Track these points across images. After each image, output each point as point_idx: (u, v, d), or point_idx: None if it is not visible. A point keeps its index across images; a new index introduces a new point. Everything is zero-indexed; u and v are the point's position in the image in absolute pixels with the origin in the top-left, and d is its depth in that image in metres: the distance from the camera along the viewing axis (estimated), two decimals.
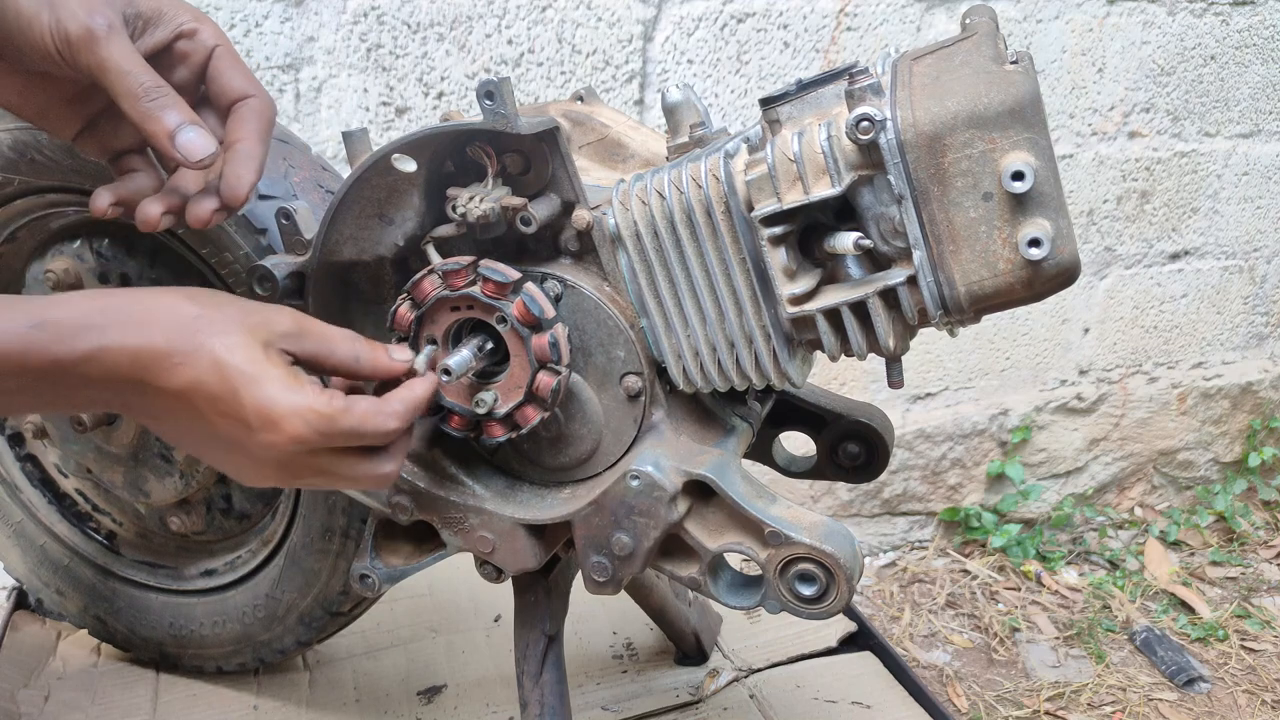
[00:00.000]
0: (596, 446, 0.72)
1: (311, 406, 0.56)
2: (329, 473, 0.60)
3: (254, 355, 0.56)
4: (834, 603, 0.67)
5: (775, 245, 0.62)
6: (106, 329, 0.54)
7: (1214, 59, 1.78)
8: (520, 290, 0.65)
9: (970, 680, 1.66)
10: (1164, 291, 1.96)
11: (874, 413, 0.88)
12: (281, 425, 0.55)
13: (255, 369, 0.55)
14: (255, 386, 0.55)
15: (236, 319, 0.57)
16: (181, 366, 0.55)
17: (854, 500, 1.91)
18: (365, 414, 0.58)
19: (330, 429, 0.57)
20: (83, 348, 0.53)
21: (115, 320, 0.54)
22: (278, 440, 0.56)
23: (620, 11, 1.39)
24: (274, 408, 0.55)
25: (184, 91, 0.65)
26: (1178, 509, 2.16)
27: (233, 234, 0.84)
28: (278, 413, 0.55)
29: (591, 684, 1.14)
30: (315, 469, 0.59)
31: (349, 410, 0.58)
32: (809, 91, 0.61)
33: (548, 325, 0.65)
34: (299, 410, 0.56)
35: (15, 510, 1.11)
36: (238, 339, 0.56)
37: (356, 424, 0.58)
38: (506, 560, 0.75)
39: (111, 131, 0.70)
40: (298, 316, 0.60)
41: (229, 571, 1.05)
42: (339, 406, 0.57)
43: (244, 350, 0.56)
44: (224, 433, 0.56)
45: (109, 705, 1.09)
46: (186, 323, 0.55)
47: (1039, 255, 0.56)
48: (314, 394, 0.57)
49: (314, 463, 0.58)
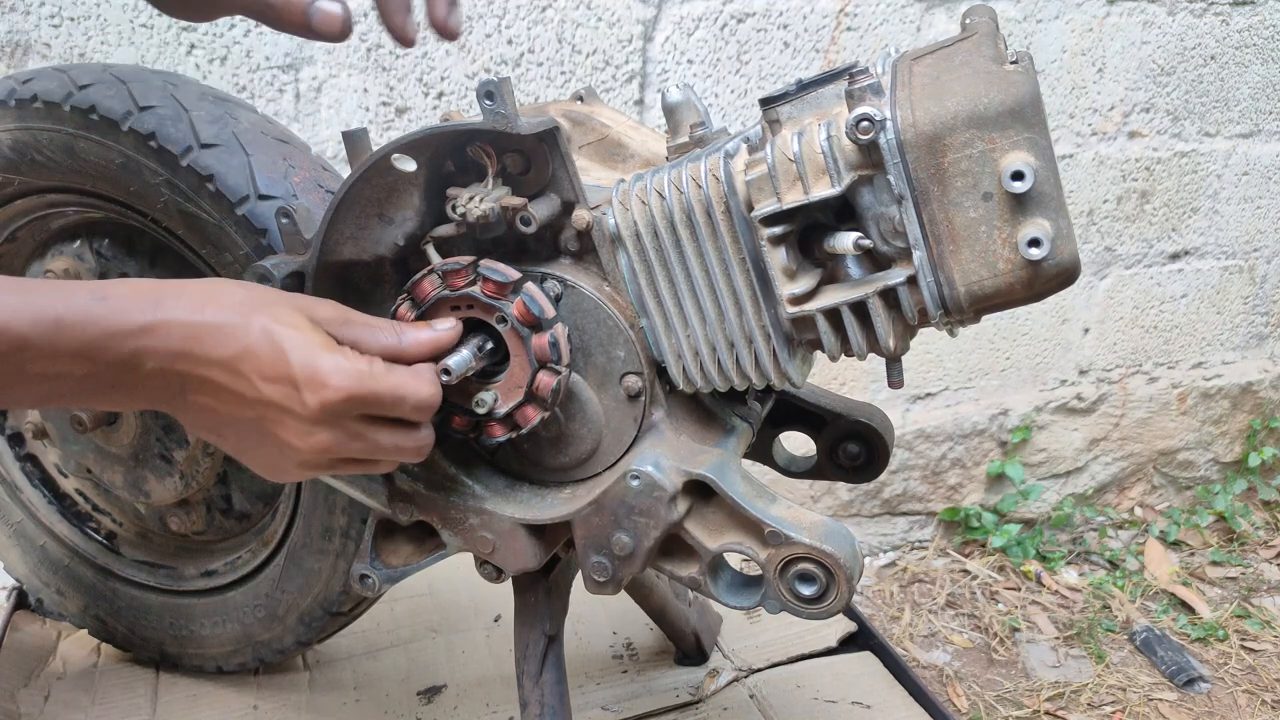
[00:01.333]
0: (596, 446, 0.72)
1: (354, 365, 0.59)
2: (368, 440, 0.62)
3: (300, 322, 0.60)
4: (834, 603, 0.67)
5: (775, 245, 0.62)
6: (162, 304, 0.57)
7: (1214, 59, 1.78)
8: (520, 290, 0.65)
9: (970, 680, 1.66)
10: (1164, 291, 1.96)
11: (874, 413, 0.88)
12: (328, 380, 0.58)
13: (301, 335, 0.59)
14: (303, 349, 0.58)
15: (285, 300, 0.61)
16: (232, 335, 0.58)
17: (854, 500, 1.91)
18: (404, 378, 0.61)
19: (374, 387, 0.60)
20: (140, 320, 0.56)
21: (170, 298, 0.58)
22: (323, 398, 0.58)
23: (620, 11, 1.39)
24: (320, 364, 0.58)
25: None
26: (1178, 509, 2.16)
27: (233, 234, 0.84)
28: (324, 369, 0.58)
29: (591, 684, 1.14)
30: (355, 435, 0.61)
31: (390, 373, 0.61)
32: (809, 91, 0.61)
33: (548, 325, 0.65)
34: (343, 368, 0.59)
35: (15, 510, 1.11)
36: (285, 312, 0.60)
37: (397, 384, 0.61)
38: (506, 560, 0.75)
39: None
40: (340, 307, 0.64)
41: (229, 571, 1.05)
42: (380, 369, 0.60)
43: (292, 319, 0.59)
44: (268, 399, 0.59)
45: (109, 705, 1.09)
46: (237, 302, 0.59)
47: (1039, 255, 0.56)
48: (355, 357, 0.60)
49: (354, 429, 0.61)
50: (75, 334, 0.54)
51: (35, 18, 1.15)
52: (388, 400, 0.60)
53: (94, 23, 1.17)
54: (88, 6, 1.16)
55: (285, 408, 0.59)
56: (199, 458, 0.98)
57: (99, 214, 0.93)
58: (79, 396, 0.58)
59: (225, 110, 0.88)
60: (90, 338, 0.55)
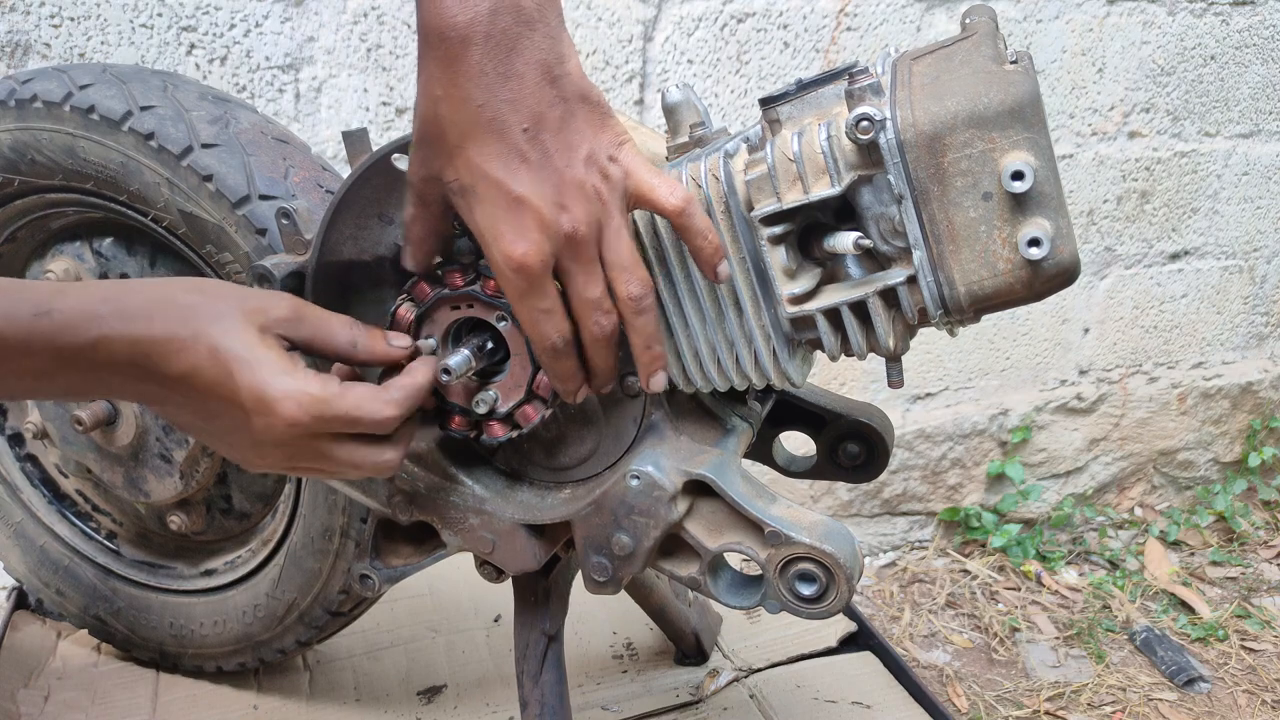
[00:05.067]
0: (596, 446, 0.72)
1: (305, 390, 0.56)
2: (327, 458, 0.60)
3: (249, 340, 0.56)
4: (834, 602, 0.67)
5: (775, 245, 0.62)
6: (106, 318, 0.54)
7: (1214, 59, 1.78)
8: None
9: (970, 680, 1.66)
10: (1164, 291, 1.96)
11: (874, 412, 0.88)
12: (275, 408, 0.56)
13: (250, 353, 0.56)
14: (249, 371, 0.55)
15: (233, 305, 0.57)
16: (179, 354, 0.55)
17: (854, 500, 1.91)
18: (360, 399, 0.59)
19: (324, 412, 0.57)
20: (85, 337, 0.54)
21: (115, 310, 0.55)
22: (273, 424, 0.56)
23: (620, 11, 1.39)
24: (267, 391, 0.56)
25: None
26: (1178, 509, 2.16)
27: (233, 234, 0.84)
28: (271, 396, 0.56)
29: (591, 684, 1.14)
30: (313, 454, 0.59)
31: (343, 395, 0.58)
32: (809, 91, 0.61)
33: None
34: (291, 394, 0.56)
35: (15, 510, 1.11)
36: (232, 324, 0.56)
37: (351, 408, 0.58)
38: (506, 560, 0.75)
39: None
40: (295, 302, 0.61)
41: (229, 571, 1.05)
42: (333, 391, 0.57)
43: (239, 335, 0.56)
44: (222, 417, 0.57)
45: (109, 705, 1.09)
46: (183, 310, 0.56)
47: (1039, 255, 0.56)
48: (307, 378, 0.57)
49: (312, 447, 0.59)
50: (18, 350, 0.53)
51: (35, 18, 1.15)
52: (341, 422, 0.58)
53: (94, 23, 1.17)
54: (88, 6, 1.16)
55: (236, 427, 0.57)
56: (199, 458, 0.98)
57: (99, 214, 0.94)
58: (45, 396, 0.57)
59: (225, 110, 0.88)
60: (36, 354, 0.53)
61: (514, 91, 0.54)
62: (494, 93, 0.54)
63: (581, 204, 0.56)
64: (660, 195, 0.59)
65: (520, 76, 0.54)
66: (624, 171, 0.58)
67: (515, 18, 0.53)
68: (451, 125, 0.55)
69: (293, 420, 0.56)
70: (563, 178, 0.56)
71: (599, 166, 0.57)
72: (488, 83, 0.54)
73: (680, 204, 0.59)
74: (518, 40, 0.54)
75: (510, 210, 0.56)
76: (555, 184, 0.56)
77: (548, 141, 0.55)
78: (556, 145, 0.56)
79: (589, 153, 0.57)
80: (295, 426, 0.56)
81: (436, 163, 0.58)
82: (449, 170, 0.57)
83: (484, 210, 0.57)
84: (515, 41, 0.54)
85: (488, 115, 0.54)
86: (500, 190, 0.56)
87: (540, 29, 0.54)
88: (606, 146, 0.58)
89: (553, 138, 0.56)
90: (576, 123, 0.56)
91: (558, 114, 0.56)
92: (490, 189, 0.56)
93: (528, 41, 0.54)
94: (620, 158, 0.58)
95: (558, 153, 0.56)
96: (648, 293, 0.60)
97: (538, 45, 0.54)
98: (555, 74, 0.55)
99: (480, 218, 0.57)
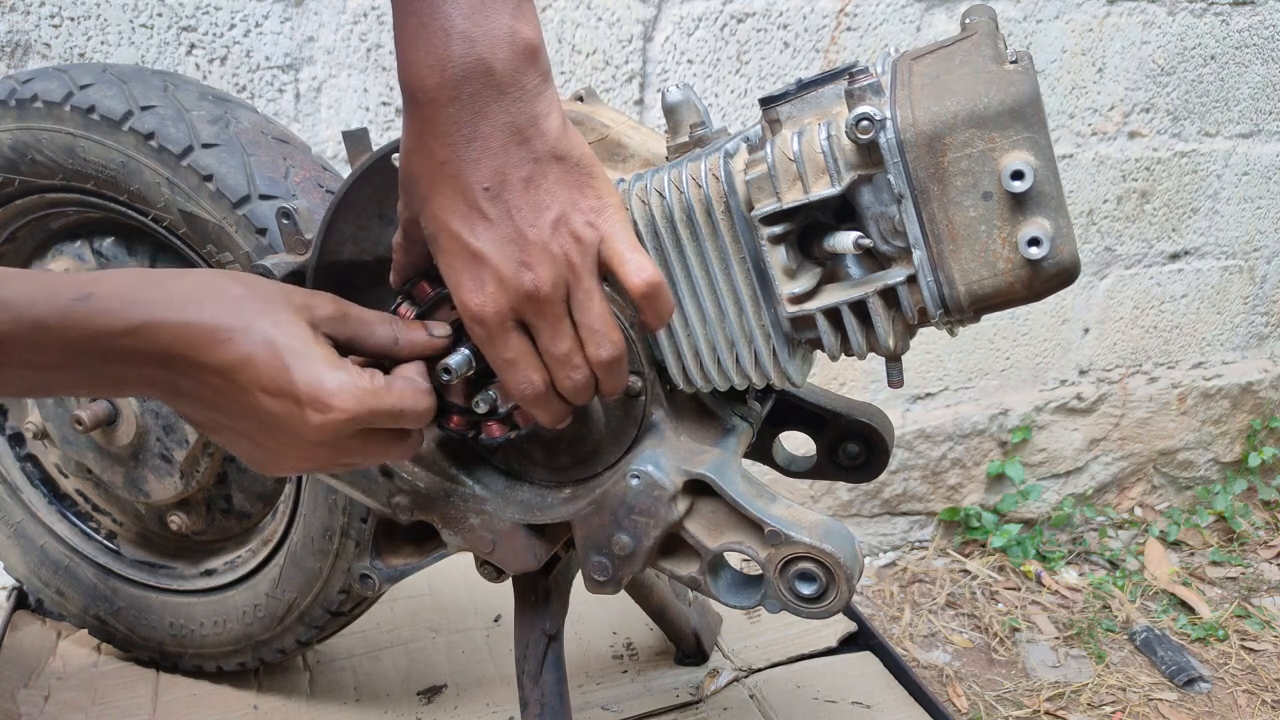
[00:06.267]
0: (596, 446, 0.72)
1: (358, 384, 0.57)
2: (361, 452, 0.60)
3: (303, 334, 0.57)
4: (834, 602, 0.67)
5: (775, 244, 0.62)
6: (153, 304, 0.54)
7: (1214, 59, 1.78)
8: None
9: (970, 680, 1.66)
10: (1164, 291, 1.96)
11: (874, 412, 0.88)
12: (331, 403, 0.56)
13: (305, 347, 0.56)
14: (306, 365, 0.56)
15: (282, 299, 0.58)
16: (230, 342, 0.55)
17: (854, 500, 1.91)
18: (404, 391, 0.60)
19: (377, 406, 0.58)
20: (126, 321, 0.53)
21: (161, 296, 0.54)
22: (327, 419, 0.56)
23: (620, 11, 1.39)
24: (324, 385, 0.56)
25: None
26: (1178, 509, 2.16)
27: (233, 234, 0.84)
28: (328, 390, 0.56)
29: (591, 684, 1.14)
30: (351, 449, 0.60)
31: (390, 388, 0.59)
32: (809, 91, 0.61)
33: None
34: (347, 388, 0.56)
35: (15, 510, 1.11)
36: (287, 317, 0.57)
37: (397, 401, 0.59)
38: (506, 560, 0.75)
39: None
40: (337, 301, 0.61)
41: (229, 571, 1.05)
42: (380, 385, 0.58)
43: (294, 328, 0.56)
44: (266, 410, 0.56)
45: (109, 705, 1.09)
46: (234, 301, 0.56)
47: (1039, 255, 0.56)
48: (359, 373, 0.58)
49: (353, 442, 0.59)
50: (57, 336, 0.52)
51: (35, 18, 1.15)
52: (388, 416, 0.59)
53: (94, 23, 1.17)
54: (88, 6, 1.16)
55: (283, 422, 0.57)
56: (199, 457, 0.98)
57: (99, 214, 0.94)
58: (64, 390, 0.56)
59: (225, 110, 0.88)
60: (72, 340, 0.52)
61: (478, 152, 0.55)
62: (457, 152, 0.55)
63: (546, 264, 0.56)
64: (629, 270, 0.58)
65: (485, 138, 0.55)
66: (600, 237, 0.58)
67: (485, 83, 0.54)
68: (421, 177, 0.57)
69: (349, 415, 0.57)
70: (525, 237, 0.56)
71: (570, 229, 0.57)
72: (451, 142, 0.55)
73: (644, 287, 0.58)
74: (486, 104, 0.54)
75: (469, 263, 0.57)
76: (516, 242, 0.56)
77: (511, 200, 0.56)
78: (521, 204, 0.56)
79: (559, 214, 0.56)
80: (350, 421, 0.57)
81: (412, 208, 0.59)
82: (421, 218, 0.59)
83: (445, 260, 0.58)
84: (484, 105, 0.54)
85: (450, 172, 0.55)
86: (459, 243, 0.57)
87: (512, 93, 0.54)
88: (585, 209, 0.57)
89: (517, 196, 0.56)
90: (547, 183, 0.56)
91: (523, 174, 0.55)
92: (450, 241, 0.57)
93: (497, 105, 0.54)
94: (599, 223, 0.58)
95: (520, 212, 0.56)
96: (619, 355, 0.60)
97: (507, 109, 0.54)
98: (526, 135, 0.55)
99: (443, 266, 0.58)
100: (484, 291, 0.57)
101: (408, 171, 0.58)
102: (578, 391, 0.61)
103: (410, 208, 0.60)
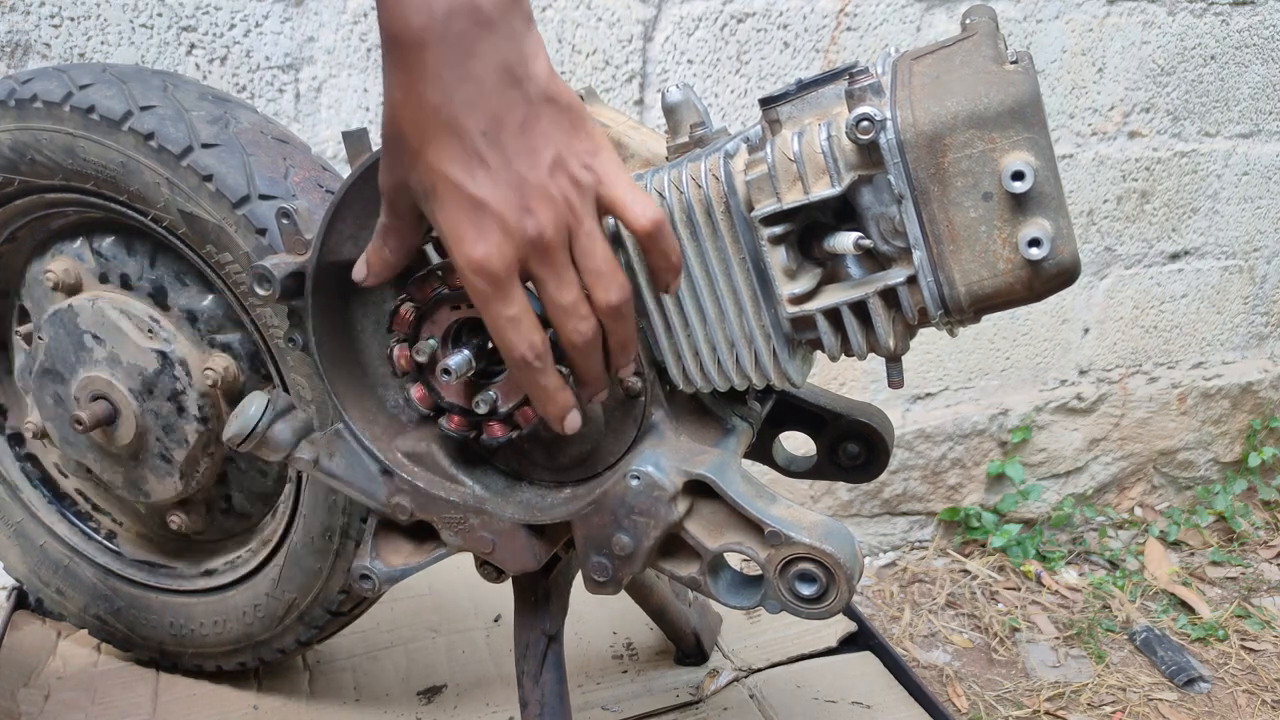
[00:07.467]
0: (596, 446, 0.72)
1: None
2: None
3: None
4: (834, 603, 0.67)
5: (775, 245, 0.62)
6: None
7: (1214, 59, 1.78)
8: None
9: (970, 680, 1.66)
10: (1164, 291, 1.96)
11: (874, 412, 0.88)
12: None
13: None
14: None
15: None
16: None
17: (854, 500, 1.91)
18: None
19: None
20: None
21: None
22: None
23: (620, 11, 1.39)
24: None
25: None
26: (1178, 509, 2.16)
27: (233, 234, 0.84)
28: None
29: (591, 684, 1.14)
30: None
31: None
32: (809, 91, 0.61)
33: (548, 324, 0.65)
34: None
35: (15, 510, 1.11)
36: None
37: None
38: (506, 560, 0.75)
39: None
40: None
41: (229, 571, 1.05)
42: None
43: None
44: None
45: (109, 705, 1.09)
46: None
47: (1039, 255, 0.56)
48: None
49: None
50: None
51: (35, 18, 1.15)
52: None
53: (94, 23, 1.17)
54: (88, 6, 1.16)
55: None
56: (199, 457, 0.98)
57: (99, 214, 0.94)
58: None
59: (225, 110, 0.88)
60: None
61: (471, 94, 0.53)
62: (450, 95, 0.53)
63: (547, 208, 0.55)
64: (633, 210, 0.57)
65: (478, 79, 0.53)
66: (597, 178, 0.57)
67: (472, 20, 0.52)
68: (411, 128, 0.54)
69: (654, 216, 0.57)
70: (525, 181, 0.54)
71: (568, 171, 0.56)
72: (444, 85, 0.53)
73: (649, 225, 0.57)
74: (475, 42, 0.52)
75: (470, 213, 0.55)
76: (517, 187, 0.54)
77: (508, 144, 0.54)
78: (518, 148, 0.54)
79: (555, 156, 0.55)
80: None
81: (400, 168, 0.57)
82: (412, 175, 0.56)
83: (445, 213, 0.56)
84: (473, 44, 0.52)
85: (444, 118, 0.53)
86: (459, 192, 0.54)
87: (500, 30, 0.53)
88: (580, 153, 0.56)
89: (514, 140, 0.54)
90: (541, 125, 0.55)
91: (519, 116, 0.54)
92: (449, 191, 0.55)
93: (486, 44, 0.53)
94: (595, 165, 0.57)
95: (519, 155, 0.54)
96: (626, 298, 0.59)
97: (497, 47, 0.53)
98: (518, 75, 0.54)
99: (442, 220, 0.56)
100: (488, 240, 0.55)
101: (394, 128, 0.55)
102: (586, 346, 0.59)
103: (396, 170, 0.57)
